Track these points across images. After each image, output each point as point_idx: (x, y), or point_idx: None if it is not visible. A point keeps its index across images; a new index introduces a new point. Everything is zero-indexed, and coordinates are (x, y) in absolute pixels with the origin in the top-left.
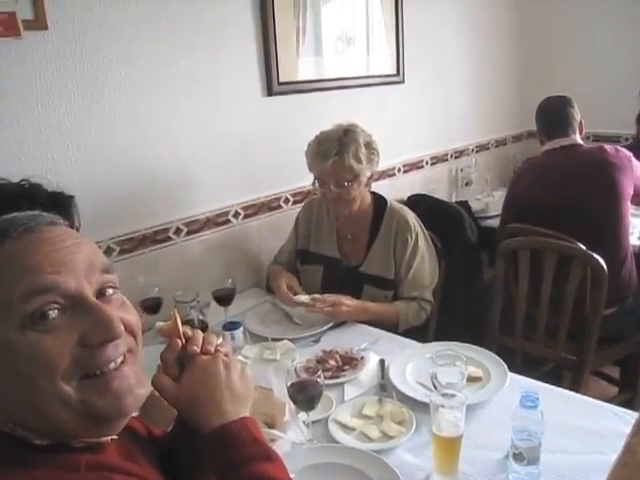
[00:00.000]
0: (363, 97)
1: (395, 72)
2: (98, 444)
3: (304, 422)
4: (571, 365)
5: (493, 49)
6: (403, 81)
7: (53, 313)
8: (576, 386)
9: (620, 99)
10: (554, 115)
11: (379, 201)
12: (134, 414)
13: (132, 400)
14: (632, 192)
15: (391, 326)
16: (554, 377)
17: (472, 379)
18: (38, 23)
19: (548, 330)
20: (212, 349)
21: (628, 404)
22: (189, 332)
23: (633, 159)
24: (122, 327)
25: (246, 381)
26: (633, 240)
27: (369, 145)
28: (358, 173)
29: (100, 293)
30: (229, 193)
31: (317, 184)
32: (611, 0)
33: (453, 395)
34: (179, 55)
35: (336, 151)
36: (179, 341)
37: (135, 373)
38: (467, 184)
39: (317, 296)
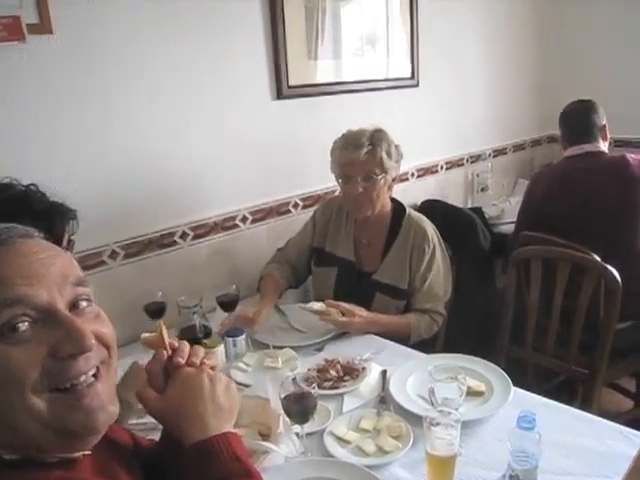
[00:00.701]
0: (377, 101)
1: (410, 75)
2: (71, 460)
3: (298, 434)
4: (583, 379)
5: (512, 52)
6: (418, 84)
7: (23, 325)
8: (588, 400)
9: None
10: (576, 121)
11: (398, 208)
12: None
13: (104, 417)
14: None
15: (403, 338)
16: (567, 390)
17: (474, 393)
18: (43, 27)
19: (560, 342)
20: (198, 362)
21: None
22: (175, 343)
23: None
24: (93, 340)
25: (231, 396)
26: None
27: (397, 147)
28: (387, 169)
29: (73, 306)
30: (237, 197)
31: (341, 181)
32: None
33: (448, 413)
34: (187, 59)
35: (369, 142)
36: (165, 352)
37: (107, 389)
38: (483, 189)
39: (332, 302)
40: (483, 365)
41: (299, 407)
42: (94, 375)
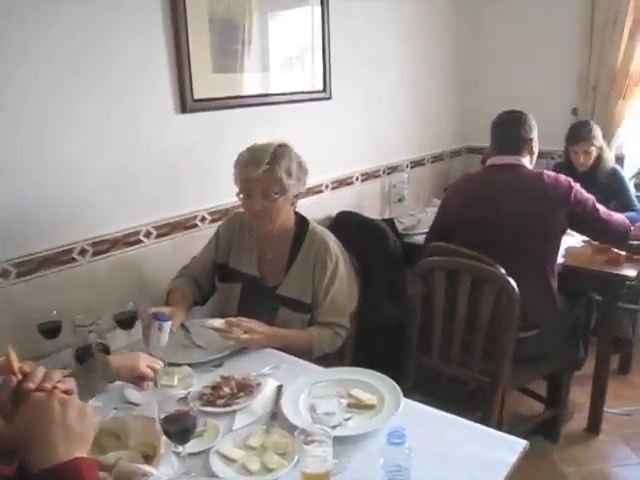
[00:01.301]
0: (288, 114)
1: (321, 88)
2: None
3: (178, 454)
4: (485, 386)
5: (431, 65)
6: (330, 97)
7: None
8: (489, 407)
9: (555, 116)
10: (502, 131)
11: (302, 223)
12: None
13: None
14: (567, 224)
15: (305, 352)
16: (480, 397)
17: (365, 407)
18: None
19: (465, 351)
20: (49, 386)
21: (553, 420)
22: (26, 368)
23: (575, 187)
24: None
25: (84, 420)
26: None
27: (301, 164)
28: (287, 188)
29: None
30: (141, 212)
31: (242, 196)
32: (549, 18)
33: (321, 429)
34: (83, 70)
35: (269, 160)
36: (14, 378)
37: None
38: (400, 200)
39: (232, 320)
40: (377, 378)
41: (178, 427)
42: None
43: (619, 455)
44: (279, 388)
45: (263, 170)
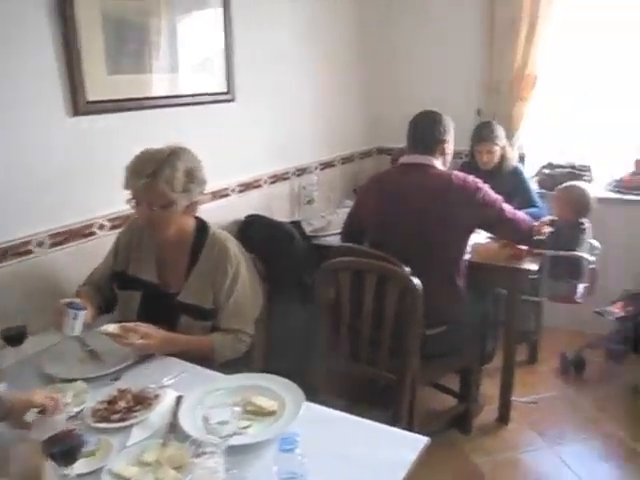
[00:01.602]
0: (193, 116)
1: (225, 90)
2: None
3: (65, 477)
4: (392, 384)
5: (338, 65)
6: (234, 99)
7: None
8: (399, 405)
9: (460, 117)
10: (416, 131)
11: (201, 227)
12: None
13: None
14: (475, 224)
15: (206, 359)
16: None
17: (267, 413)
18: None
19: (372, 350)
20: None
21: (465, 413)
22: None
23: (483, 189)
24: None
25: None
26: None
27: (190, 173)
28: (171, 200)
29: None
30: (30, 220)
31: (133, 203)
32: (454, 21)
33: (209, 440)
34: None
35: (149, 172)
36: None
37: None
38: (309, 202)
39: (128, 325)
40: (281, 383)
41: (62, 448)
42: None
43: (527, 441)
44: (179, 399)
45: (143, 183)
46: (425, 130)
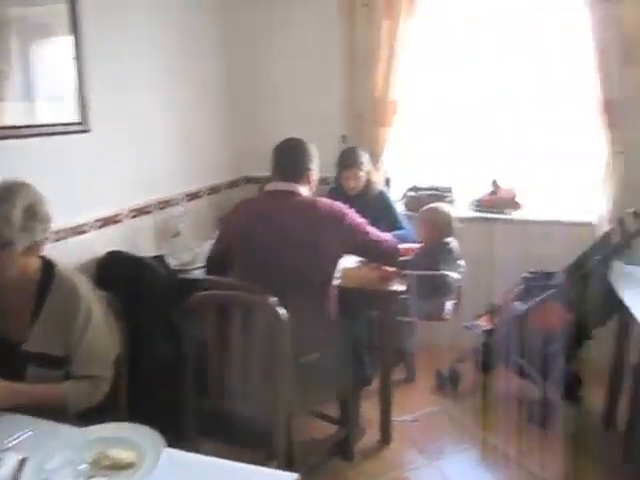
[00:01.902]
0: (44, 148)
1: (79, 120)
2: None
3: None
4: (267, 417)
5: (202, 95)
6: (89, 130)
7: None
8: (276, 437)
9: (327, 143)
10: (279, 158)
11: (47, 268)
12: None
13: None
14: (342, 250)
15: (59, 410)
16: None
17: (124, 466)
18: None
19: (243, 385)
20: None
21: (346, 440)
22: None
23: (349, 214)
24: None
25: None
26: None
27: (30, 209)
28: (8, 240)
29: None
30: None
31: None
32: (315, 48)
33: None
34: None
35: None
36: None
37: None
38: (175, 235)
39: None
40: (139, 432)
41: None
42: None
43: (409, 460)
44: (22, 462)
45: None
46: (289, 158)
